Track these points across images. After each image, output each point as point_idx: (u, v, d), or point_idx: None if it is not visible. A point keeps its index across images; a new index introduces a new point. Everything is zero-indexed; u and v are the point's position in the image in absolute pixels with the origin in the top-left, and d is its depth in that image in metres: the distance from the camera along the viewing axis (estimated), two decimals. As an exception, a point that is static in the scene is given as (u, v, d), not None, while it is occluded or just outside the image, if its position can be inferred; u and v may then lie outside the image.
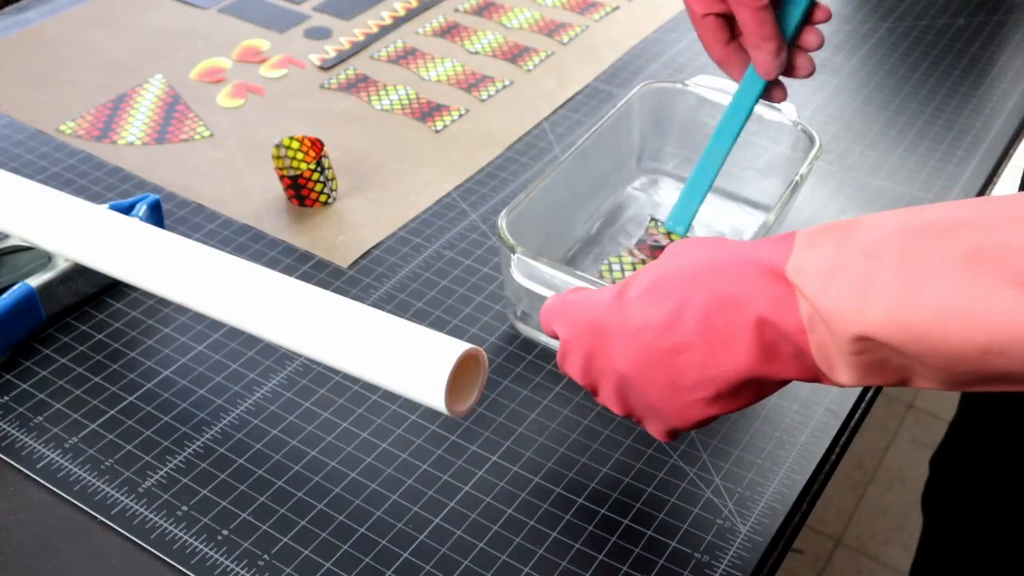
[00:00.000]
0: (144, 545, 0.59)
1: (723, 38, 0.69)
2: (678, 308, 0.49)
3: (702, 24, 0.68)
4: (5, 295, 0.69)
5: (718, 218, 0.82)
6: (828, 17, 0.67)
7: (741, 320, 0.47)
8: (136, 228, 0.64)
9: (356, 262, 0.79)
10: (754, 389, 0.50)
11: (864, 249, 0.44)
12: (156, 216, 0.76)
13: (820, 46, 0.68)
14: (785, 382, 0.50)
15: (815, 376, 0.47)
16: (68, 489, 0.62)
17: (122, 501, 0.61)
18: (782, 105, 0.80)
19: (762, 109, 0.80)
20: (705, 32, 0.69)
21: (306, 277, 0.77)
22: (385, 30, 1.07)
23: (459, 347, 0.54)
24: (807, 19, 0.67)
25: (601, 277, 0.73)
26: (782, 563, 0.62)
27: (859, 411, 0.70)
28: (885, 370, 0.45)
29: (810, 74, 0.69)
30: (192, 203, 0.84)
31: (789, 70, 0.69)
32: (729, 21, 0.68)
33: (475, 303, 0.75)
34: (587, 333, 0.54)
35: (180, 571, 0.58)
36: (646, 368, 0.51)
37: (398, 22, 1.08)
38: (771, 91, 0.70)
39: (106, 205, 0.72)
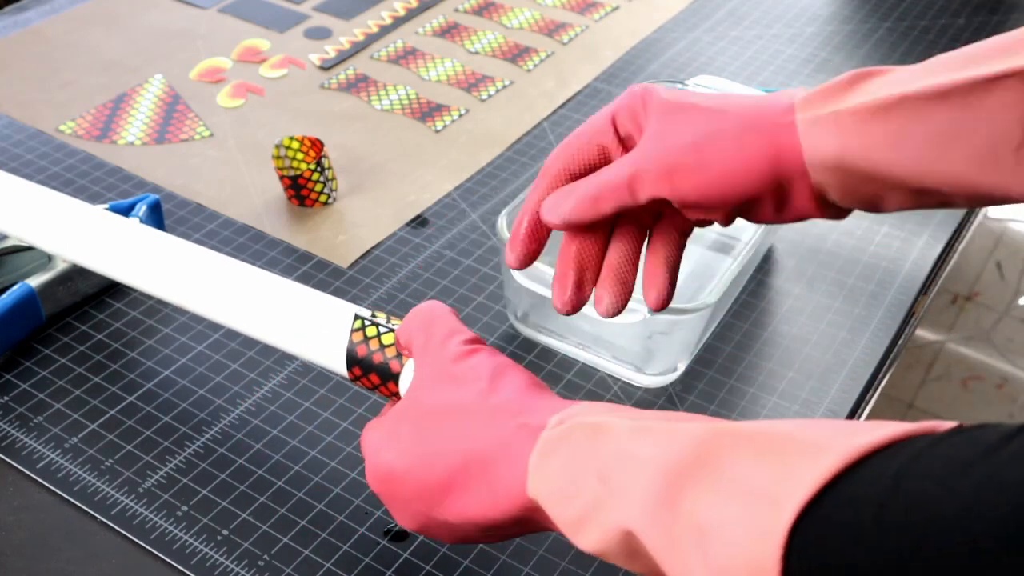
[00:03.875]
0: (144, 545, 0.59)
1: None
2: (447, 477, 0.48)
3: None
4: (5, 295, 0.69)
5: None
6: None
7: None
8: (134, 229, 0.64)
9: (356, 262, 0.79)
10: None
11: (600, 471, 0.43)
12: (156, 216, 0.76)
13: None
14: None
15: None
16: (68, 489, 0.62)
17: (122, 501, 0.61)
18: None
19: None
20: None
21: (306, 277, 0.77)
22: (385, 30, 1.07)
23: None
24: None
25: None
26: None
27: (859, 411, 0.70)
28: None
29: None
30: (192, 203, 0.84)
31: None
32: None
33: (475, 303, 0.75)
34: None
35: (180, 571, 0.58)
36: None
37: (398, 22, 1.08)
38: None
39: (106, 205, 0.72)
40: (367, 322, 0.55)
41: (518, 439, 0.47)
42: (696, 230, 0.56)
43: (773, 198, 0.51)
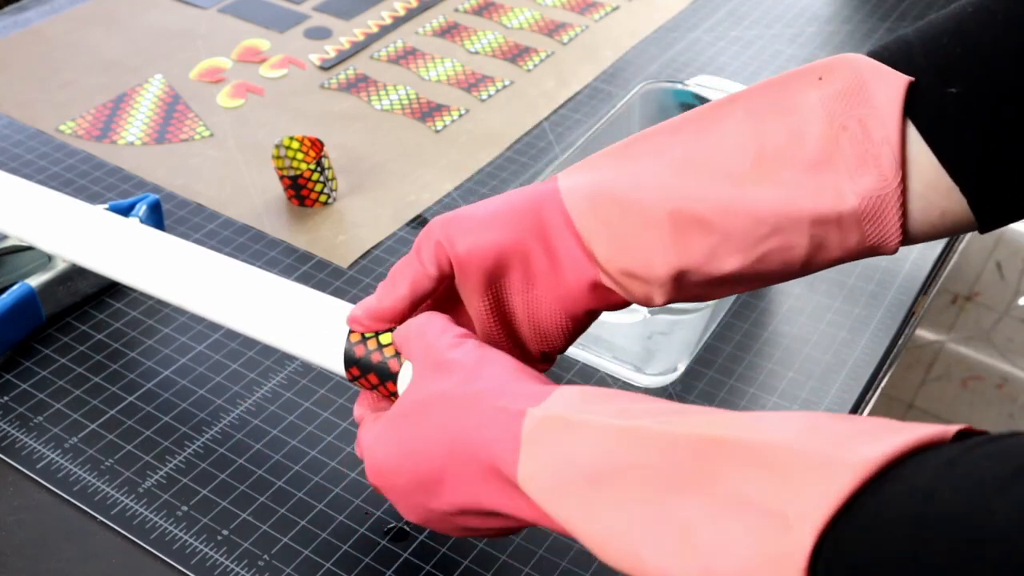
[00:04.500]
0: (144, 545, 0.59)
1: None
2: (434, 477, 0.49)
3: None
4: (5, 295, 0.69)
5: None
6: None
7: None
8: (134, 229, 0.64)
9: (356, 262, 0.79)
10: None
11: (588, 474, 0.43)
12: (156, 216, 0.76)
13: None
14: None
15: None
16: (68, 489, 0.62)
17: (122, 501, 0.61)
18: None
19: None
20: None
21: (306, 277, 0.77)
22: (385, 30, 1.07)
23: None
24: None
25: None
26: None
27: (859, 411, 0.70)
28: None
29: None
30: (192, 203, 0.84)
31: None
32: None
33: (475, 303, 0.75)
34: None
35: (180, 571, 0.58)
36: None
37: (398, 22, 1.08)
38: None
39: (106, 205, 0.72)
40: None
41: (497, 423, 0.46)
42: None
43: (541, 247, 0.52)
